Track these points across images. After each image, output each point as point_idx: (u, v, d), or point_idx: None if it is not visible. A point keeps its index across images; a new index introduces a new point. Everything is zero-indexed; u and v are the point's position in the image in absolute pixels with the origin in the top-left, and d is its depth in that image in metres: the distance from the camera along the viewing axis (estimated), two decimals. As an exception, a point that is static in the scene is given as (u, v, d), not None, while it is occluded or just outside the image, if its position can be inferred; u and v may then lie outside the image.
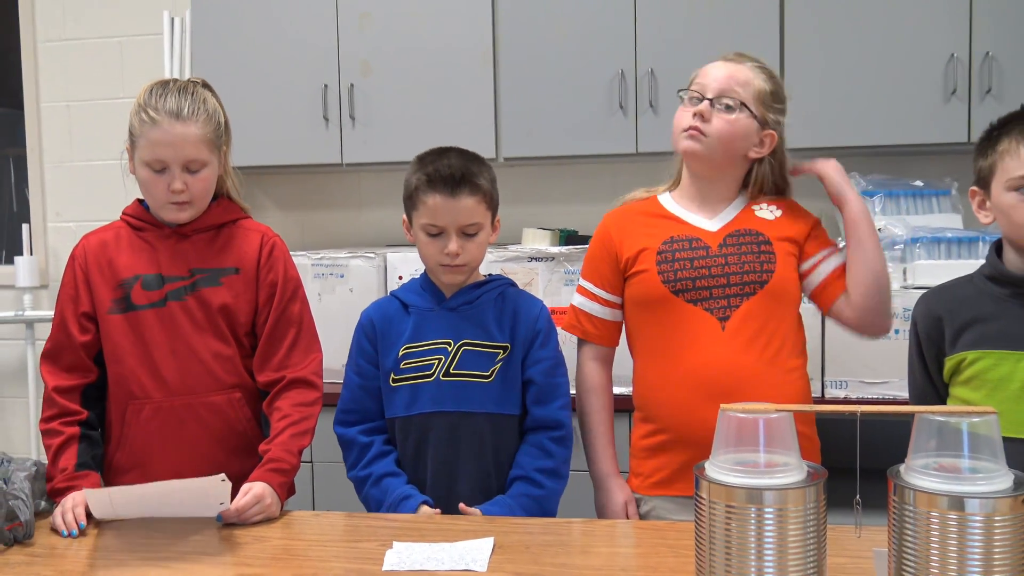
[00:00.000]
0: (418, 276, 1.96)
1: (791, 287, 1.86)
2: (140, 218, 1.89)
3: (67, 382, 1.84)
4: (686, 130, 1.84)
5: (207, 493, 1.64)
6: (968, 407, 1.30)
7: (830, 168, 1.90)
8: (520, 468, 1.84)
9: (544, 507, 1.83)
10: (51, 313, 3.50)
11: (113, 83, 3.67)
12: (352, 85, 3.14)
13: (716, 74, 1.85)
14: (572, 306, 2.00)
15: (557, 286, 2.79)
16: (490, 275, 1.95)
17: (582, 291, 1.98)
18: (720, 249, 1.85)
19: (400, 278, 2.89)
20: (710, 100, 1.83)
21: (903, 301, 2.54)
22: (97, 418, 1.89)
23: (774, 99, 1.87)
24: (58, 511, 1.68)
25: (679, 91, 1.91)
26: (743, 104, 1.83)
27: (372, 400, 1.90)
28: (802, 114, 2.85)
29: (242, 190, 1.99)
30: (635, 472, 1.94)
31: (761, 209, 1.90)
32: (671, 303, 1.85)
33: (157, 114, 1.77)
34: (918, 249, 2.62)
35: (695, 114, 1.83)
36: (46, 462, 1.79)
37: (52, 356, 1.86)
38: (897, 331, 2.55)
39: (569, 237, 3.09)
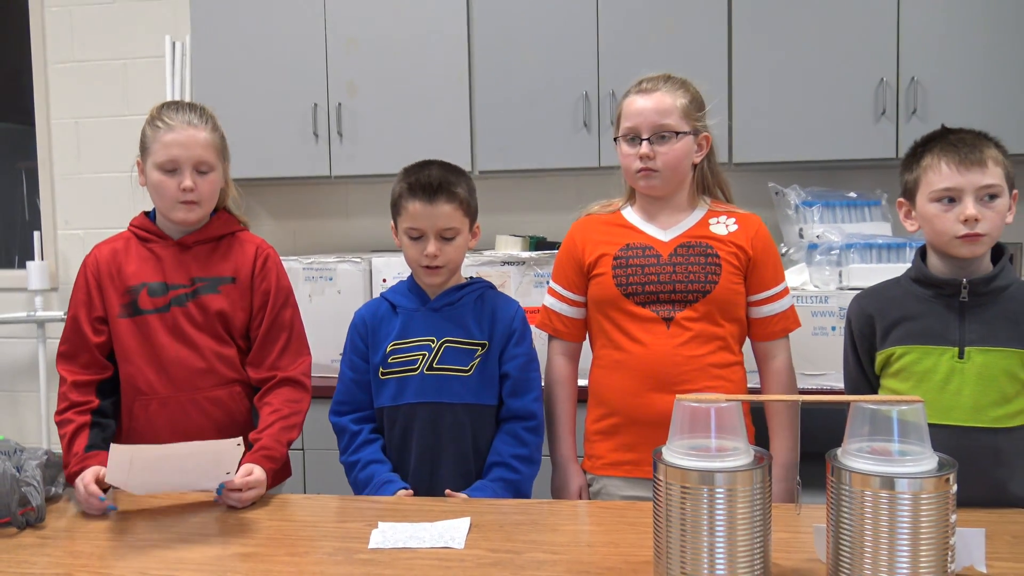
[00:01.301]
0: (404, 279, 1.96)
1: (732, 296, 1.87)
2: (146, 229, 1.89)
3: (84, 377, 1.83)
4: (639, 172, 1.85)
5: (221, 457, 1.60)
6: (897, 396, 1.31)
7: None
8: (498, 455, 1.85)
9: (519, 490, 1.84)
10: (60, 314, 3.54)
11: (118, 102, 3.63)
12: (340, 104, 3.13)
13: (642, 112, 1.83)
14: (544, 306, 2.02)
15: (528, 287, 2.79)
16: (471, 278, 1.95)
17: (552, 292, 2.00)
18: (670, 258, 1.87)
19: (384, 281, 2.88)
20: (648, 139, 1.83)
21: (839, 301, 2.57)
22: (112, 405, 1.87)
23: (696, 107, 1.87)
24: (77, 497, 1.65)
25: (614, 138, 1.91)
26: (676, 133, 1.83)
27: (363, 392, 1.90)
28: (749, 132, 2.90)
29: (241, 204, 1.99)
30: (588, 454, 1.97)
31: (717, 223, 1.90)
32: (623, 303, 1.87)
33: (172, 120, 1.80)
34: (852, 254, 2.65)
35: (641, 156, 1.83)
36: (57, 451, 1.76)
37: (69, 356, 1.84)
38: (833, 328, 2.58)
39: (538, 243, 3.10)
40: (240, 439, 1.60)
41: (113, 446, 1.59)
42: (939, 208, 1.63)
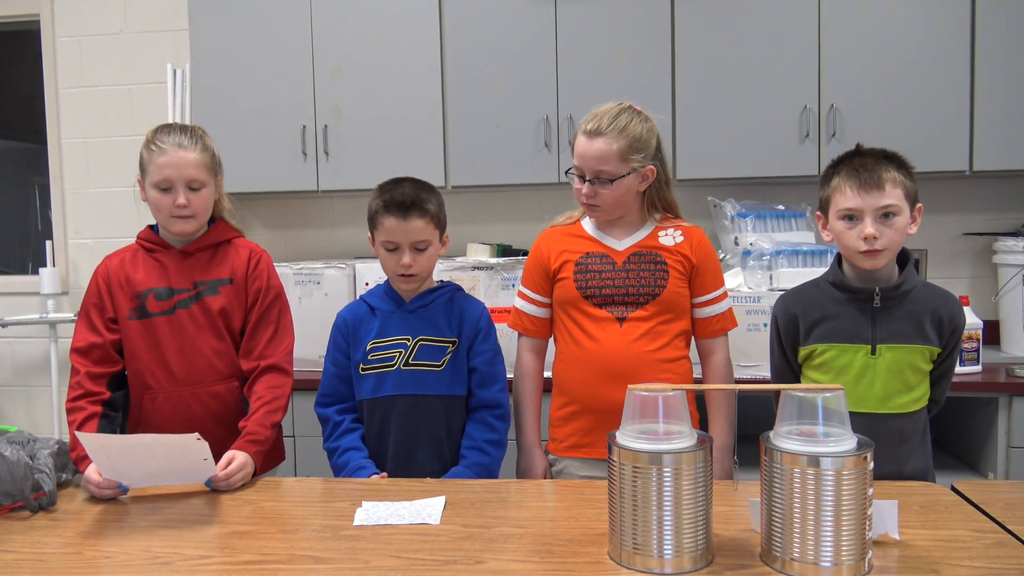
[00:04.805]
0: (382, 283, 1.94)
1: (678, 299, 1.87)
2: (152, 241, 1.87)
3: (98, 370, 1.80)
4: (584, 204, 1.87)
5: (189, 448, 1.55)
6: (821, 385, 1.33)
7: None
8: (471, 439, 1.85)
9: (491, 470, 1.84)
10: (70, 315, 3.48)
11: (124, 124, 3.56)
12: (326, 126, 3.10)
13: (584, 156, 1.81)
14: (514, 308, 2.01)
15: (496, 290, 2.79)
16: (441, 282, 1.94)
17: (522, 295, 2.00)
18: (624, 265, 1.87)
19: (367, 284, 2.85)
20: (590, 181, 1.83)
21: (770, 301, 2.59)
22: (123, 396, 1.84)
23: (634, 149, 1.80)
24: (85, 485, 1.61)
25: (567, 171, 1.90)
26: (611, 180, 1.82)
27: (345, 386, 1.88)
28: (691, 152, 2.92)
29: (236, 214, 1.96)
30: (552, 437, 1.97)
31: (666, 235, 1.90)
32: (582, 304, 1.87)
33: (164, 144, 1.78)
34: (781, 259, 2.67)
35: (584, 194, 1.84)
36: (67, 440, 1.72)
37: (84, 352, 1.80)
38: (765, 324, 2.60)
39: (505, 250, 3.09)
40: (197, 434, 1.54)
41: (79, 434, 1.55)
42: (844, 225, 1.65)
